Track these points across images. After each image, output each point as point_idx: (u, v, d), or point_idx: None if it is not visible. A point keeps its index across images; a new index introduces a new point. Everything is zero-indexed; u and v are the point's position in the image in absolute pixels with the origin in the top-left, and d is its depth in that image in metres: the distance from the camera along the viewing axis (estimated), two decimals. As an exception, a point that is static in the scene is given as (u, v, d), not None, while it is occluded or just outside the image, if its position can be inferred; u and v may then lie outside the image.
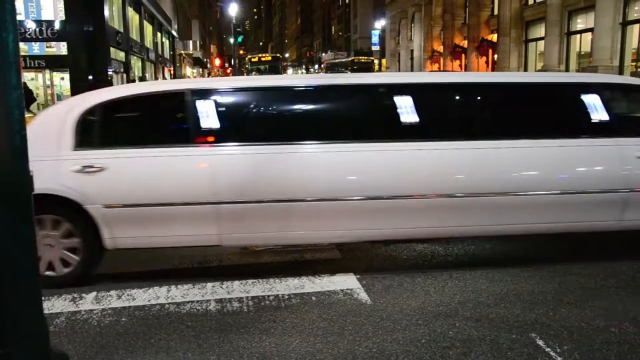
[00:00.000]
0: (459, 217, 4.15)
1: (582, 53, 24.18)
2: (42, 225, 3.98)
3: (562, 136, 4.26)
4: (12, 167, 1.88)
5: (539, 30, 27.06)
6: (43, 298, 2.27)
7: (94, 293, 3.96)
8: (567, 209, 4.21)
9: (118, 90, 4.38)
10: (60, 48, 24.71)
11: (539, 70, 25.13)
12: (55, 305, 3.76)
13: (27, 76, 23.58)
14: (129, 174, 3.99)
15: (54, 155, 4.00)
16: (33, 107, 19.96)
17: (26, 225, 1.96)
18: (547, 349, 3.05)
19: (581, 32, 24.17)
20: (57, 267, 4.04)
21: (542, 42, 25.71)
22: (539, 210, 4.19)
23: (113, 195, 3.95)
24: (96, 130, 4.17)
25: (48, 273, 4.02)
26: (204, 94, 4.17)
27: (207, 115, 4.07)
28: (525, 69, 28.02)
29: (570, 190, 4.15)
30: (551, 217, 4.22)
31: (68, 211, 3.98)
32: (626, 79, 5.27)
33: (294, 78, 4.69)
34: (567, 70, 24.23)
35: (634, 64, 20.41)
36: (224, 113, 4.15)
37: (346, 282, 4.10)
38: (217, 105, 4.13)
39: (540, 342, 3.13)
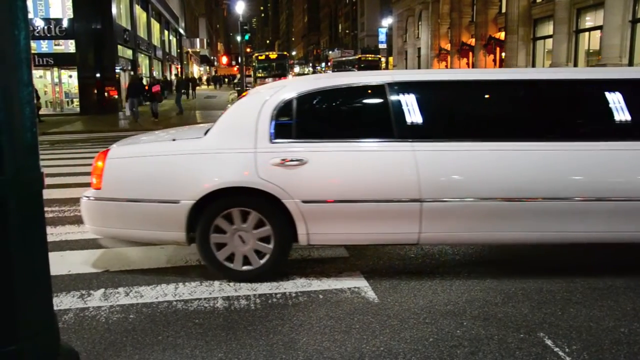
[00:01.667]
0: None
1: (591, 51, 24.02)
2: (235, 219, 3.97)
3: None
4: (24, 164, 1.88)
5: (547, 28, 26.91)
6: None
7: (102, 290, 3.98)
8: None
9: (316, 82, 4.19)
10: (69, 46, 24.85)
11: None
12: (63, 301, 3.78)
13: (36, 74, 23.69)
14: (329, 168, 3.89)
15: (251, 148, 3.93)
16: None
17: (37, 222, 1.97)
18: (556, 349, 3.04)
19: (590, 29, 24.01)
20: (252, 260, 4.03)
21: (550, 40, 25.57)
22: None
23: (312, 190, 3.86)
24: (294, 123, 4.01)
25: (245, 268, 4.04)
26: (407, 86, 4.03)
27: (411, 109, 3.94)
28: (533, 67, 27.84)
29: None
30: None
31: (264, 205, 3.93)
32: None
33: (504, 72, 4.36)
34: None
35: (643, 62, 20.26)
36: (428, 107, 4.00)
37: (353, 280, 4.10)
38: (420, 98, 3.99)
39: (549, 342, 3.12)
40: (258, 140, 3.94)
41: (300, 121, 4.02)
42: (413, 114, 3.94)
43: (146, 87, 21.89)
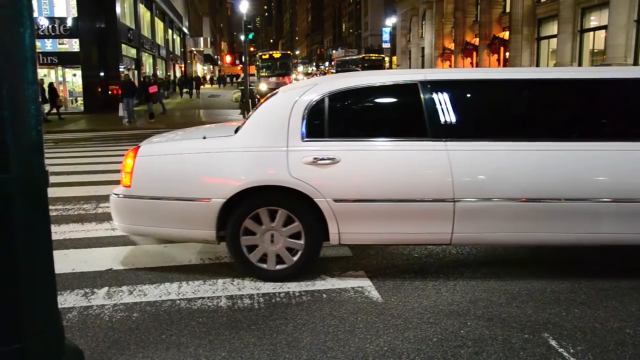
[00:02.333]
0: None
1: (595, 51, 23.96)
2: (266, 218, 3.96)
3: None
4: (29, 162, 1.88)
5: (552, 28, 26.86)
6: (57, 293, 2.27)
7: (106, 288, 3.98)
8: None
9: (348, 80, 4.14)
10: (73, 45, 24.93)
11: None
12: (67, 300, 3.78)
13: (40, 73, 23.73)
14: (361, 168, 3.86)
15: (283, 147, 3.92)
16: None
17: (42, 220, 1.97)
18: (560, 349, 3.02)
19: (594, 29, 23.95)
20: (286, 259, 4.03)
21: (555, 39, 25.52)
22: None
23: (345, 189, 3.84)
24: (326, 121, 3.98)
25: (279, 267, 4.04)
26: (441, 85, 4.00)
27: (445, 108, 3.91)
28: (537, 67, 27.76)
29: None
30: None
31: (295, 204, 3.92)
32: None
33: (541, 71, 4.21)
34: (579, 68, 23.97)
35: (648, 62, 20.20)
36: (462, 106, 3.96)
37: (357, 280, 4.09)
38: (454, 97, 3.96)
39: (553, 342, 3.10)
40: (290, 138, 3.93)
41: (332, 120, 3.99)
42: (447, 113, 3.92)
43: (138, 86, 21.85)
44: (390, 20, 59.25)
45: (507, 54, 30.08)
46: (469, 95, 4.10)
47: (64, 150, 12.81)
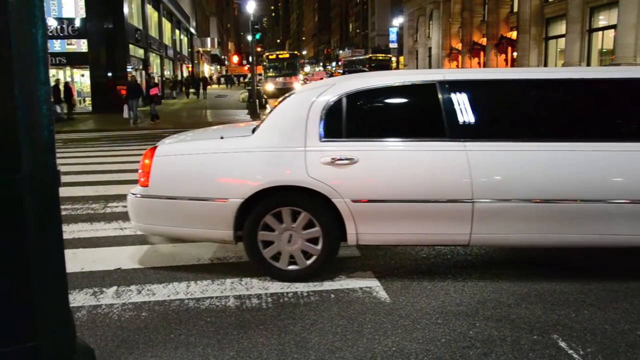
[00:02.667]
0: None
1: (604, 50, 23.82)
2: (283, 218, 3.96)
3: None
4: (41, 162, 1.90)
5: (560, 28, 26.72)
6: (67, 292, 2.28)
7: (115, 287, 4.00)
8: None
9: (365, 80, 4.13)
10: (81, 45, 25.07)
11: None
12: (76, 299, 3.80)
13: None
14: (379, 168, 3.84)
15: (300, 147, 3.92)
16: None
17: (53, 219, 1.98)
18: (570, 351, 3.01)
19: (603, 29, 23.81)
20: (299, 261, 4.02)
21: (563, 39, 25.39)
22: None
23: (362, 190, 3.82)
24: (344, 121, 3.97)
25: (291, 267, 4.04)
26: (459, 85, 3.98)
27: (464, 109, 3.90)
28: (545, 67, 27.64)
29: None
30: None
31: (312, 204, 3.91)
32: None
33: (563, 70, 4.14)
34: (588, 68, 23.84)
35: (657, 62, 20.05)
36: (481, 106, 3.94)
37: (365, 280, 4.09)
38: (473, 97, 3.94)
39: (563, 344, 3.09)
40: (307, 138, 3.93)
41: (349, 120, 3.98)
42: (465, 114, 3.90)
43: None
44: (397, 20, 59.17)
45: (515, 54, 29.97)
46: (488, 96, 4.07)
47: (73, 150, 12.88)
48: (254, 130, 4.22)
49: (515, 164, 3.78)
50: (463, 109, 3.91)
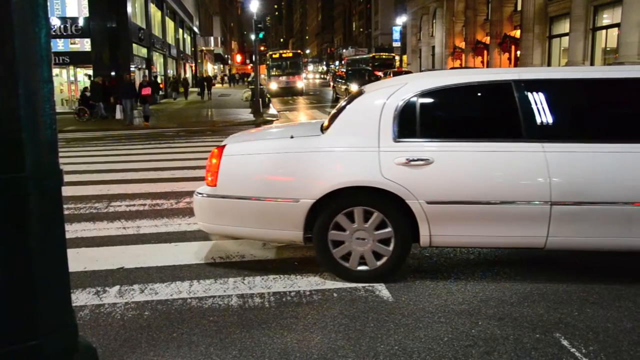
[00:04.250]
0: None
1: (608, 49, 23.75)
2: (355, 218, 3.90)
3: None
4: (44, 161, 1.90)
5: (564, 26, 26.64)
6: (70, 290, 2.29)
7: (117, 287, 4.01)
8: None
9: (438, 79, 4.04)
10: (84, 44, 25.13)
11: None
12: (79, 298, 3.82)
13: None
14: (455, 169, 3.77)
15: (374, 147, 3.86)
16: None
17: (56, 218, 1.98)
18: (572, 350, 3.00)
19: (607, 27, 23.73)
20: (369, 261, 3.97)
21: (567, 38, 25.31)
22: None
23: (437, 191, 3.76)
24: (418, 121, 3.91)
25: (361, 268, 3.99)
26: (536, 84, 3.89)
27: (541, 109, 3.81)
28: (549, 66, 27.58)
29: None
30: None
31: (385, 205, 3.85)
32: None
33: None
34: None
35: (661, 60, 19.97)
36: (559, 106, 3.86)
37: (367, 279, 4.08)
38: (550, 97, 3.84)
39: (565, 342, 3.09)
40: (381, 139, 3.87)
41: (423, 120, 3.92)
42: (543, 114, 3.81)
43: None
44: (401, 19, 59.10)
45: (519, 52, 29.90)
46: (566, 95, 3.97)
47: (76, 149, 12.91)
48: (322, 129, 4.19)
49: (597, 166, 3.69)
50: (540, 108, 3.82)
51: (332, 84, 37.14)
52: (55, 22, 23.98)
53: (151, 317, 3.50)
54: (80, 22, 24.62)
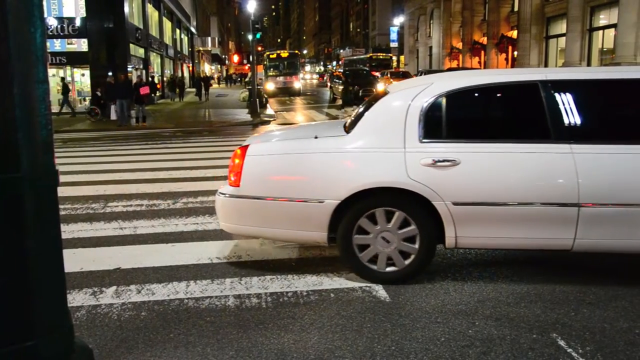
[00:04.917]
0: None
1: (605, 49, 23.81)
2: (380, 219, 3.88)
3: None
4: (39, 161, 1.90)
5: (560, 27, 26.73)
6: (66, 291, 2.29)
7: (114, 287, 4.00)
8: None
9: (464, 80, 4.00)
10: (81, 45, 25.08)
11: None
12: (76, 298, 3.81)
13: (48, 72, 23.89)
14: (481, 170, 3.73)
15: (399, 148, 3.84)
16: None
17: (52, 219, 1.98)
18: (569, 350, 3.01)
19: (604, 28, 23.80)
20: (397, 261, 3.94)
21: (563, 38, 25.38)
22: None
23: (464, 192, 3.73)
24: (444, 122, 3.89)
25: (389, 269, 3.97)
26: (563, 85, 3.84)
27: (569, 109, 3.77)
28: (546, 66, 27.67)
29: None
30: None
31: (411, 206, 3.83)
32: None
33: None
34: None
35: (658, 61, 20.04)
36: (587, 107, 3.82)
37: (365, 279, 4.08)
38: (578, 98, 3.80)
39: (562, 343, 3.09)
40: (407, 139, 3.85)
41: (449, 120, 3.90)
42: (571, 115, 3.77)
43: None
44: (398, 20, 59.17)
45: (515, 53, 29.95)
46: (594, 96, 3.95)
47: (73, 149, 12.88)
48: (345, 128, 4.17)
49: (625, 168, 3.65)
50: (568, 109, 3.79)
51: (329, 84, 37.16)
52: (52, 22, 23.93)
53: (148, 317, 3.50)
54: (77, 22, 24.57)
